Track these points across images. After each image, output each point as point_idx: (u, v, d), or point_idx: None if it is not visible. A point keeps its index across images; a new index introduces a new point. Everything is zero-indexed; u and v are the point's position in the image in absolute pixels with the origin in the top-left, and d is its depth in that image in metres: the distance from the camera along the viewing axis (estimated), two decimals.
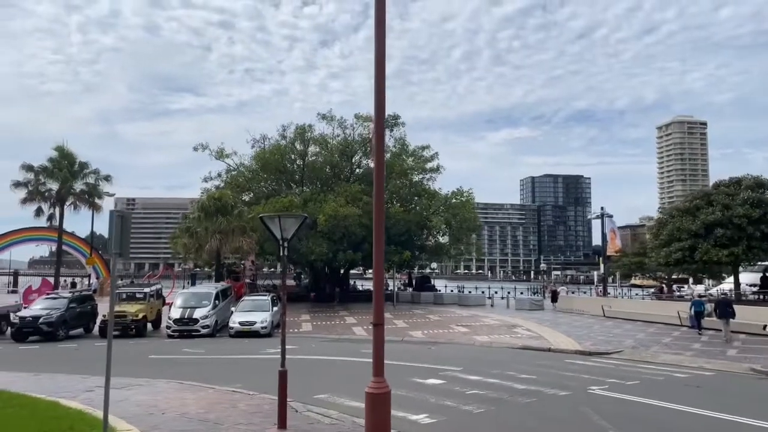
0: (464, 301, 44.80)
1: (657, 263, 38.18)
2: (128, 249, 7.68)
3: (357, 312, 36.43)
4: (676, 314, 28.22)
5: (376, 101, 7.68)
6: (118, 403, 11.55)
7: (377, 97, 7.65)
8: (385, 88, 7.79)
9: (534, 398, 12.20)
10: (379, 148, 7.77)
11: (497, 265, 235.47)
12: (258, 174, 47.56)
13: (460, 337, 25.15)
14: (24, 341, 24.58)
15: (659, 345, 22.67)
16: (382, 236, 7.61)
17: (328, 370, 16.91)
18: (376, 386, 7.23)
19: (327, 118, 47.37)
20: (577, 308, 37.40)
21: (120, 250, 7.49)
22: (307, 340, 24.90)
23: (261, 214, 10.07)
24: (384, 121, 7.78)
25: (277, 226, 9.60)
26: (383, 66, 7.68)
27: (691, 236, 33.18)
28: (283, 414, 9.42)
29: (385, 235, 34.11)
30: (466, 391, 12.96)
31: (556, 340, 23.77)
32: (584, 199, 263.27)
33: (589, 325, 29.94)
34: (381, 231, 7.59)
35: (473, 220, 48.92)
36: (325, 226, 38.42)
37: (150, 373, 15.77)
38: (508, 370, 16.03)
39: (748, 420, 10.47)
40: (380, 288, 7.57)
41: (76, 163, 36.53)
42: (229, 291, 32.84)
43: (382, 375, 7.24)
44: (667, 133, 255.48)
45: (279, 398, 9.47)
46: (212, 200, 37.01)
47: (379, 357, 7.34)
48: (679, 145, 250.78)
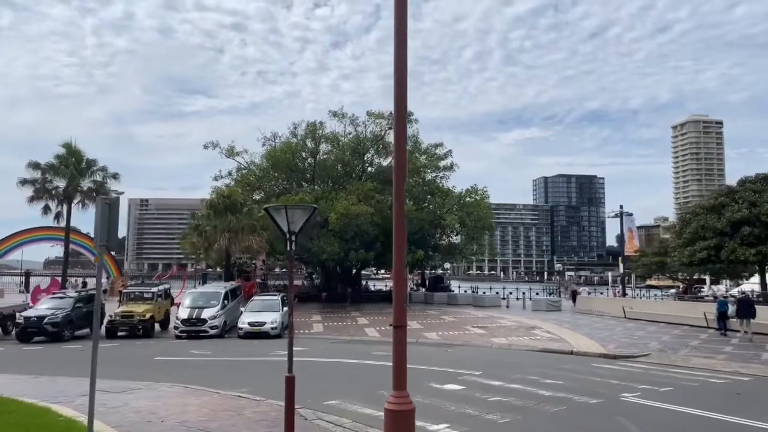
0: (479, 302, 43.81)
1: (680, 263, 36.87)
2: (116, 240, 6.88)
3: (369, 313, 35.64)
4: (702, 316, 27.04)
5: (396, 95, 6.73)
6: (116, 409, 10.86)
7: (397, 89, 6.68)
8: (407, 81, 6.85)
9: (563, 406, 11.26)
10: (401, 143, 6.84)
11: (509, 266, 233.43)
12: (269, 172, 46.92)
13: (476, 339, 24.21)
14: (29, 342, 24.00)
15: (688, 348, 21.58)
16: (404, 230, 6.66)
17: (340, 373, 16.09)
18: (399, 402, 6.06)
19: (338, 116, 46.68)
20: (597, 309, 36.27)
21: (107, 241, 6.69)
22: (318, 341, 24.15)
23: (266, 206, 9.22)
24: (405, 115, 6.81)
25: (283, 218, 8.74)
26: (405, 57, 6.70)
27: (717, 234, 31.91)
28: (291, 424, 8.56)
29: None
30: (488, 397, 12.05)
31: (578, 342, 22.75)
32: (598, 199, 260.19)
33: (610, 326, 28.85)
34: (402, 225, 6.65)
35: (488, 218, 47.92)
36: (336, 225, 37.66)
37: (154, 375, 15.10)
38: (531, 374, 15.09)
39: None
40: (401, 286, 6.59)
41: (83, 161, 36.00)
42: (238, 290, 32.13)
43: (405, 388, 6.14)
44: (683, 132, 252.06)
45: (286, 407, 8.62)
46: (221, 198, 36.33)
47: (401, 365, 6.21)
48: (695, 144, 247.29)
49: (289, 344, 8.99)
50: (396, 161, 6.86)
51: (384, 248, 41.33)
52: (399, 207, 6.59)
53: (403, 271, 6.52)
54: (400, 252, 6.50)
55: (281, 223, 8.87)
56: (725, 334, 24.73)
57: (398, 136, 6.86)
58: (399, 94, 6.70)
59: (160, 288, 29.90)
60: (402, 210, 6.68)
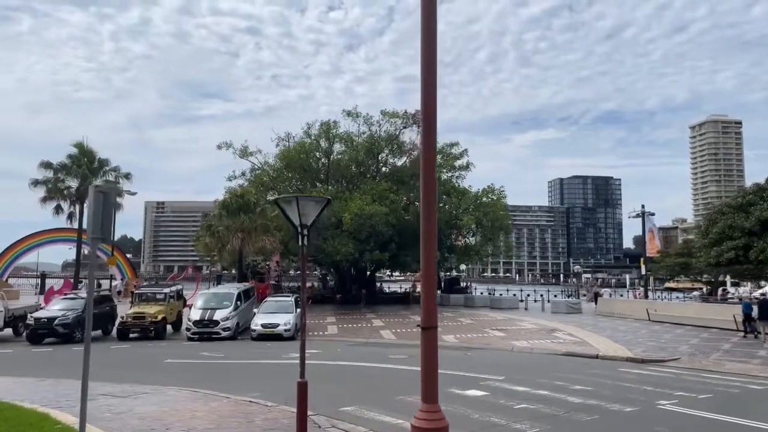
0: (496, 304, 42.90)
1: (706, 263, 35.63)
2: (110, 233, 6.25)
3: (384, 315, 34.96)
4: (732, 318, 25.99)
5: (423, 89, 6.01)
6: (119, 415, 10.27)
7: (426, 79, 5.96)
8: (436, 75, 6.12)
9: (596, 415, 10.45)
10: (430, 136, 6.11)
11: (525, 268, 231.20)
12: (282, 173, 46.45)
13: (496, 342, 23.39)
14: (39, 343, 23.59)
15: (719, 352, 20.59)
16: (434, 216, 5.88)
17: (355, 377, 15.39)
18: (429, 417, 5.11)
19: (352, 115, 46.02)
20: (618, 311, 35.19)
21: (101, 234, 6.06)
22: (333, 343, 23.52)
23: (276, 197, 8.54)
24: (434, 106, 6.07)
25: (295, 210, 8.07)
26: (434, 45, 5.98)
27: (745, 234, 30.69)
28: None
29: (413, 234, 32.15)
30: (514, 404, 11.27)
31: (603, 345, 21.84)
32: (614, 201, 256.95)
33: (634, 329, 27.84)
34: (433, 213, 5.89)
35: (505, 219, 46.98)
36: (350, 226, 37.04)
37: (163, 379, 14.56)
38: (557, 379, 14.27)
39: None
40: (431, 283, 5.80)
41: (95, 160, 35.72)
42: (251, 291, 31.58)
43: (436, 400, 5.30)
44: (701, 132, 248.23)
45: (297, 415, 7.96)
46: (234, 197, 35.83)
47: (431, 373, 5.30)
48: (714, 145, 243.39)
49: (301, 347, 8.32)
50: (424, 158, 6.10)
51: (399, 248, 40.67)
52: (429, 196, 5.83)
53: (434, 268, 5.75)
54: (430, 244, 5.72)
55: (292, 217, 8.21)
56: (757, 336, 24.04)
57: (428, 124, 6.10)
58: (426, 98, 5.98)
59: (173, 289, 29.42)
60: (432, 201, 5.92)
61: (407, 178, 43.89)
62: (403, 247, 40.58)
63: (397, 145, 45.30)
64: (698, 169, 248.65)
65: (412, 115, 43.72)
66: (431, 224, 5.67)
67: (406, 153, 45.48)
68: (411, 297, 47.56)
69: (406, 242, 40.34)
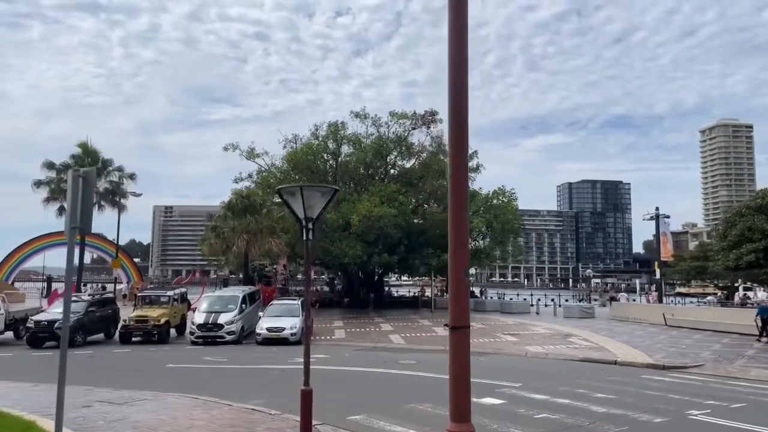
0: (507, 309, 42.03)
1: (724, 267, 34.64)
2: (90, 222, 5.59)
3: (393, 319, 34.21)
4: (754, 323, 25.06)
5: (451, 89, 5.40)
6: (112, 424, 9.63)
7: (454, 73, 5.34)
8: None
9: (624, 426, 9.66)
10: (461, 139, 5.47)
11: (533, 272, 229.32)
12: (289, 174, 45.71)
13: (509, 347, 22.58)
14: (39, 347, 22.98)
15: (744, 358, 19.71)
16: (465, 211, 5.22)
17: (363, 384, 14.67)
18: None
19: (360, 117, 45.31)
20: (633, 316, 34.25)
21: (80, 223, 5.40)
22: (340, 348, 22.82)
23: (279, 187, 7.85)
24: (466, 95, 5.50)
25: (299, 201, 7.40)
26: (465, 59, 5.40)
27: (765, 236, 29.79)
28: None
29: (422, 237, 31.23)
30: (534, 414, 10.52)
31: (621, 351, 20.99)
32: (624, 205, 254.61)
33: (652, 334, 26.93)
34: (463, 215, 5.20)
35: (516, 221, 46.14)
36: (358, 228, 36.37)
37: (163, 384, 13.90)
38: (577, 387, 13.49)
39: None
40: (460, 282, 5.12)
41: (99, 161, 35.22)
42: (257, 295, 30.88)
43: (470, 418, 4.63)
44: (711, 137, 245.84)
45: (301, 425, 7.26)
46: (240, 198, 35.18)
47: (461, 383, 4.61)
48: (724, 149, 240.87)
49: (305, 353, 7.64)
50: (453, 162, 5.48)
51: (407, 251, 39.95)
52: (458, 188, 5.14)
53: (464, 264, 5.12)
54: (458, 241, 5.03)
55: (297, 209, 7.53)
56: (759, 339, 23.88)
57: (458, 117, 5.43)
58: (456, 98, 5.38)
59: (176, 292, 28.77)
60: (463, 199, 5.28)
61: (416, 180, 43.20)
62: (412, 249, 39.88)
63: (406, 146, 44.60)
64: (708, 174, 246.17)
65: (421, 117, 43.06)
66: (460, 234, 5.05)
67: (415, 155, 44.82)
68: (420, 301, 46.85)
69: (414, 245, 39.59)
